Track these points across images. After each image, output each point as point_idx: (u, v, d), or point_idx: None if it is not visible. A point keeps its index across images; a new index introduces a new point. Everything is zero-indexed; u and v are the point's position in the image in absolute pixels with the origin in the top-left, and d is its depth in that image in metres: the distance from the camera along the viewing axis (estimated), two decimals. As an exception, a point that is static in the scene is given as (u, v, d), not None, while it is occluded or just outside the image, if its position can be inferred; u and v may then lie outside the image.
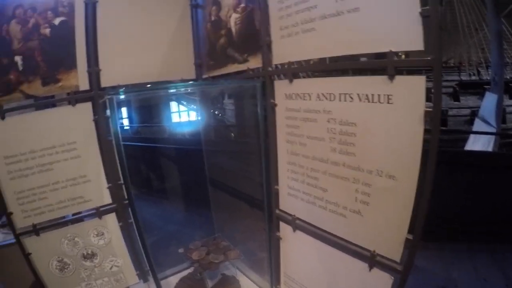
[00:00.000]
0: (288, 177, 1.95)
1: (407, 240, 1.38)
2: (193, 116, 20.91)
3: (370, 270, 1.55)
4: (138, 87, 2.48)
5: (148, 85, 2.58)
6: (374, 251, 1.52)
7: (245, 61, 2.19)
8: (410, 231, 1.37)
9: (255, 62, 2.10)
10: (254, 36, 2.08)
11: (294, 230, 2.01)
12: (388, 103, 1.34)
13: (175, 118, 23.36)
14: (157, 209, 4.87)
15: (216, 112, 19.40)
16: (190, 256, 2.62)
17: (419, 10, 1.19)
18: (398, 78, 1.32)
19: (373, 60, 1.45)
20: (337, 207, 1.65)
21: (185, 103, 20.92)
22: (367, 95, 1.41)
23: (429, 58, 1.23)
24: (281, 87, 1.90)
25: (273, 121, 1.98)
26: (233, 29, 2.32)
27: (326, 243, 1.77)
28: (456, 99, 17.15)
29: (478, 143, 10.70)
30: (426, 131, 1.24)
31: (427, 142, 1.25)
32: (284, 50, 1.84)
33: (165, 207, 4.93)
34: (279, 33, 1.85)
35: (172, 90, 2.63)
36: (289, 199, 1.99)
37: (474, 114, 13.59)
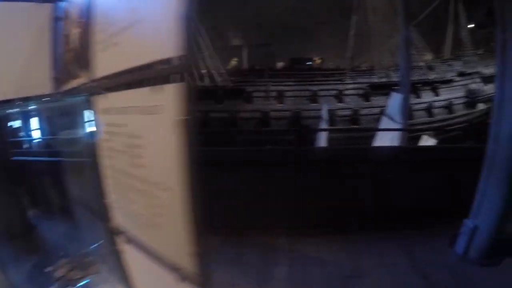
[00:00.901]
0: (112, 191, 1.96)
1: (194, 250, 1.38)
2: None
3: (178, 281, 1.54)
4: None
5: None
6: (176, 262, 1.52)
7: (79, 76, 2.17)
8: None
9: (85, 78, 2.09)
10: (87, 51, 2.07)
11: (126, 243, 1.99)
12: (157, 113, 1.36)
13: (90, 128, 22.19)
14: (48, 226, 4.65)
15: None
16: (55, 273, 2.57)
17: (179, 15, 1.18)
18: (163, 87, 1.33)
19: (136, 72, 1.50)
20: (144, 219, 1.66)
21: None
22: (143, 107, 1.44)
23: (176, 65, 1.23)
24: (99, 102, 1.90)
25: (96, 136, 1.98)
26: (74, 44, 2.29)
27: (147, 255, 1.76)
28: (367, 99, 18.54)
29: (385, 139, 11.57)
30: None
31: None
32: (101, 65, 1.85)
33: (54, 224, 4.72)
34: (97, 47, 1.86)
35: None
36: (117, 212, 1.99)
37: (383, 112, 14.69)
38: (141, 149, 1.53)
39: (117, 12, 1.66)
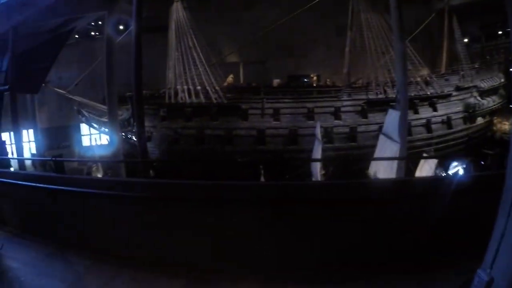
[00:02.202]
0: None
1: None
2: (104, 139, 19.96)
3: None
4: None
5: None
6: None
7: None
8: None
9: None
10: None
11: None
12: None
13: (86, 141, 22.16)
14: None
15: (129, 136, 18.57)
16: None
17: None
18: None
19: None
20: None
21: (95, 126, 19.86)
22: None
23: None
24: None
25: None
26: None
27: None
28: (364, 116, 18.30)
29: (384, 156, 11.27)
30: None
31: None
32: None
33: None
34: None
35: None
36: None
37: (380, 129, 14.44)
38: None
39: None
